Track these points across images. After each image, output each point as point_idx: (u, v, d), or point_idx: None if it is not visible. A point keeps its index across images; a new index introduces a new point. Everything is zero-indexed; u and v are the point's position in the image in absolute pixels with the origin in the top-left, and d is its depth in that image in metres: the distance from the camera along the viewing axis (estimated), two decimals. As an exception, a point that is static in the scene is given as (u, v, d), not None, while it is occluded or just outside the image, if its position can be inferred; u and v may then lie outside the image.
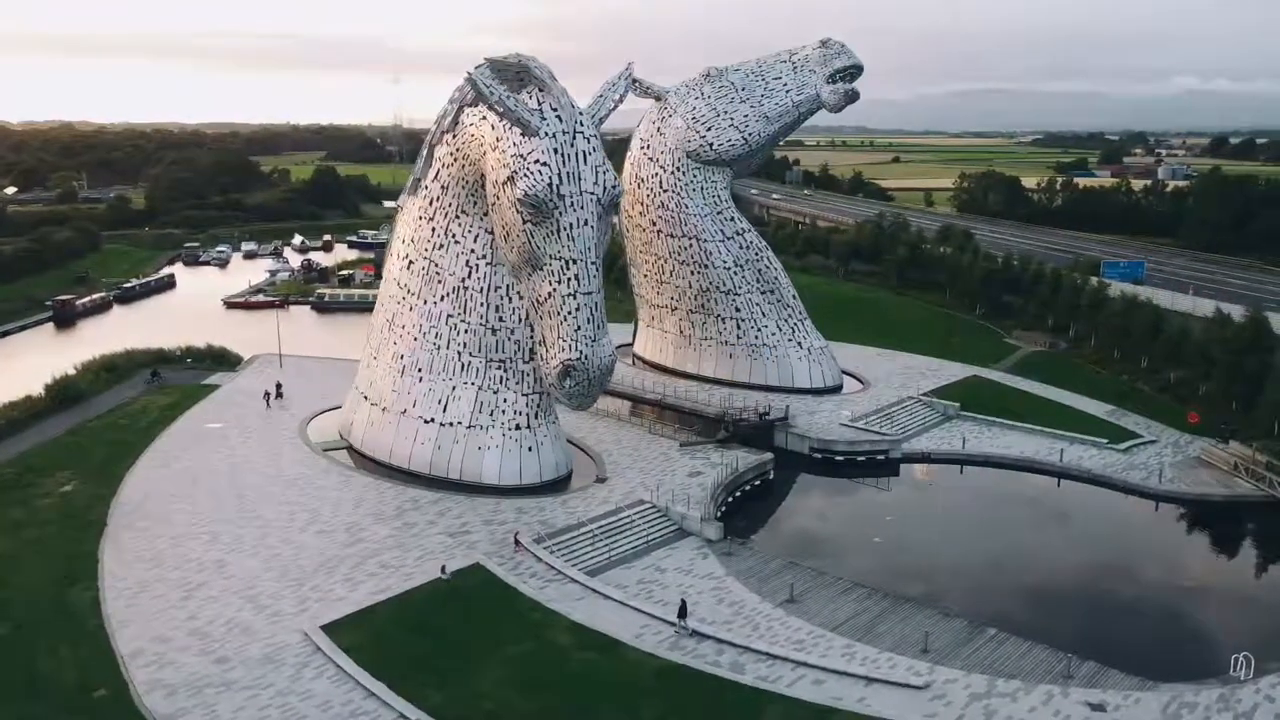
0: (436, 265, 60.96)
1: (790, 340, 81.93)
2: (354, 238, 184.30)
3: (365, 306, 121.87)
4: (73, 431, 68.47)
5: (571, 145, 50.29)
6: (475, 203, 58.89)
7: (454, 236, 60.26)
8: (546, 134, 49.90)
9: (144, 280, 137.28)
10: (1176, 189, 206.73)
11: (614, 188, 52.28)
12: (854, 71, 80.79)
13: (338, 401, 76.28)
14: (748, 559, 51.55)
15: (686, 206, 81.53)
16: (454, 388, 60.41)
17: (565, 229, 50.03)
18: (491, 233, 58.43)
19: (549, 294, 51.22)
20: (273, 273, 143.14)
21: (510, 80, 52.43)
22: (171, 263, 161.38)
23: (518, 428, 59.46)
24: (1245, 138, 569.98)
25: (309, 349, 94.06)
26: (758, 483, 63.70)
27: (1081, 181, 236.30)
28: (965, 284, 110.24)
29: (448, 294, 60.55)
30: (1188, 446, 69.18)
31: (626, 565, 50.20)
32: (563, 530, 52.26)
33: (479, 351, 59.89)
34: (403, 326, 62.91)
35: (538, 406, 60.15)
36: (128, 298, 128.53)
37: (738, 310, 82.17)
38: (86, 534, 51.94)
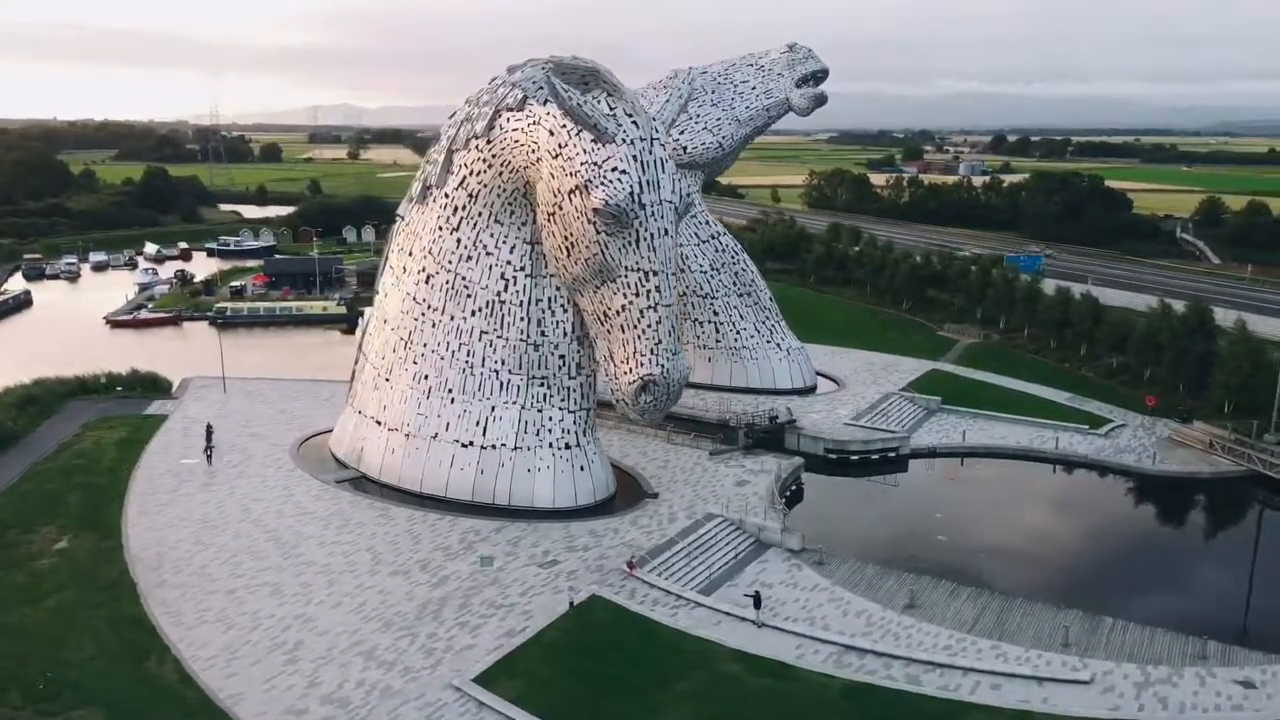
0: (464, 279, 57.32)
1: (769, 342, 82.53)
2: (215, 244, 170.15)
3: (270, 320, 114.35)
4: (29, 478, 59.81)
5: (650, 152, 48.49)
6: (512, 212, 55.83)
7: (485, 248, 56.84)
8: (624, 141, 47.87)
9: (2, 298, 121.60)
10: (1012, 185, 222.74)
11: (687, 195, 50.91)
12: (820, 75, 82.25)
13: (308, 424, 71.04)
14: (840, 567, 51.36)
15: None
16: (493, 408, 57.00)
17: (645, 239, 48.08)
18: (531, 243, 55.69)
19: (622, 307, 49.04)
20: (144, 286, 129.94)
21: (575, 84, 50.06)
22: (8, 276, 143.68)
23: (567, 446, 56.83)
24: (1020, 135, 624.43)
25: (220, 369, 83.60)
26: (794, 488, 63.84)
27: (926, 178, 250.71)
28: (889, 281, 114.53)
29: (479, 309, 57.08)
30: (1153, 428, 74.63)
31: (730, 583, 48.96)
32: (653, 551, 50.39)
33: (519, 368, 56.77)
34: (424, 345, 58.77)
35: (585, 423, 57.74)
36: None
37: (716, 314, 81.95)
38: (118, 597, 45.60)
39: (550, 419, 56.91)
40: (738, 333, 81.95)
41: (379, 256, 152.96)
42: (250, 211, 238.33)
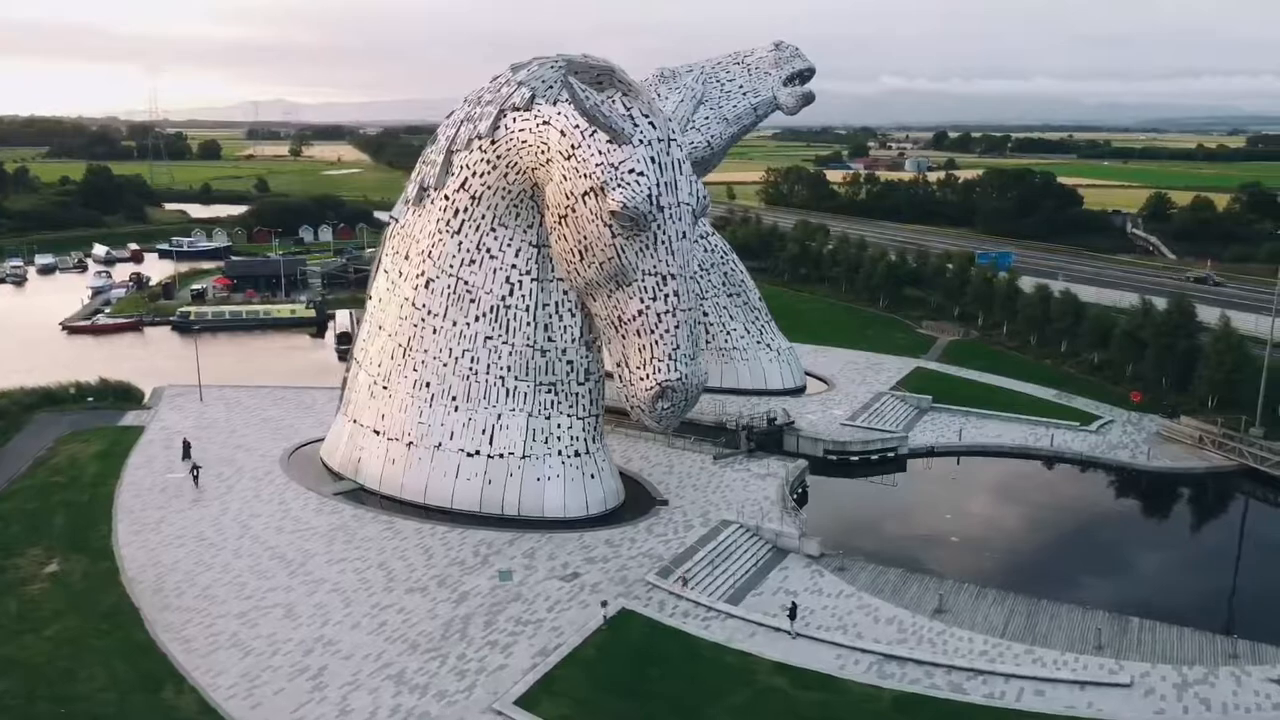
0: (466, 283, 55.63)
1: (759, 343, 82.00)
2: (166, 245, 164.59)
3: (237, 325, 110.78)
4: (6, 497, 56.77)
5: (667, 154, 47.44)
6: (517, 215, 54.30)
7: (489, 251, 55.22)
8: (641, 142, 46.67)
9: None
10: (966, 181, 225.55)
11: (705, 198, 49.94)
12: (807, 74, 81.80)
13: (293, 433, 68.83)
14: (862, 572, 50.86)
15: (648, 210, 79.19)
16: (499, 415, 55.45)
17: (664, 242, 47.08)
18: (538, 246, 54.25)
19: (639, 312, 47.97)
20: (98, 290, 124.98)
21: (589, 84, 48.71)
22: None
23: (577, 454, 55.50)
24: (960, 132, 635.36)
25: (192, 376, 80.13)
26: (799, 490, 63.29)
27: (882, 175, 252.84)
28: (866, 279, 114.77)
29: (483, 314, 55.44)
30: (1140, 423, 75.55)
31: (755, 592, 48.20)
32: (675, 561, 49.36)
33: (526, 375, 55.28)
34: (425, 351, 56.96)
35: (594, 430, 56.48)
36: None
37: (705, 315, 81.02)
38: (121, 623, 43.27)
39: (559, 426, 55.52)
40: (728, 334, 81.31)
41: (339, 256, 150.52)
42: (196, 211, 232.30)
